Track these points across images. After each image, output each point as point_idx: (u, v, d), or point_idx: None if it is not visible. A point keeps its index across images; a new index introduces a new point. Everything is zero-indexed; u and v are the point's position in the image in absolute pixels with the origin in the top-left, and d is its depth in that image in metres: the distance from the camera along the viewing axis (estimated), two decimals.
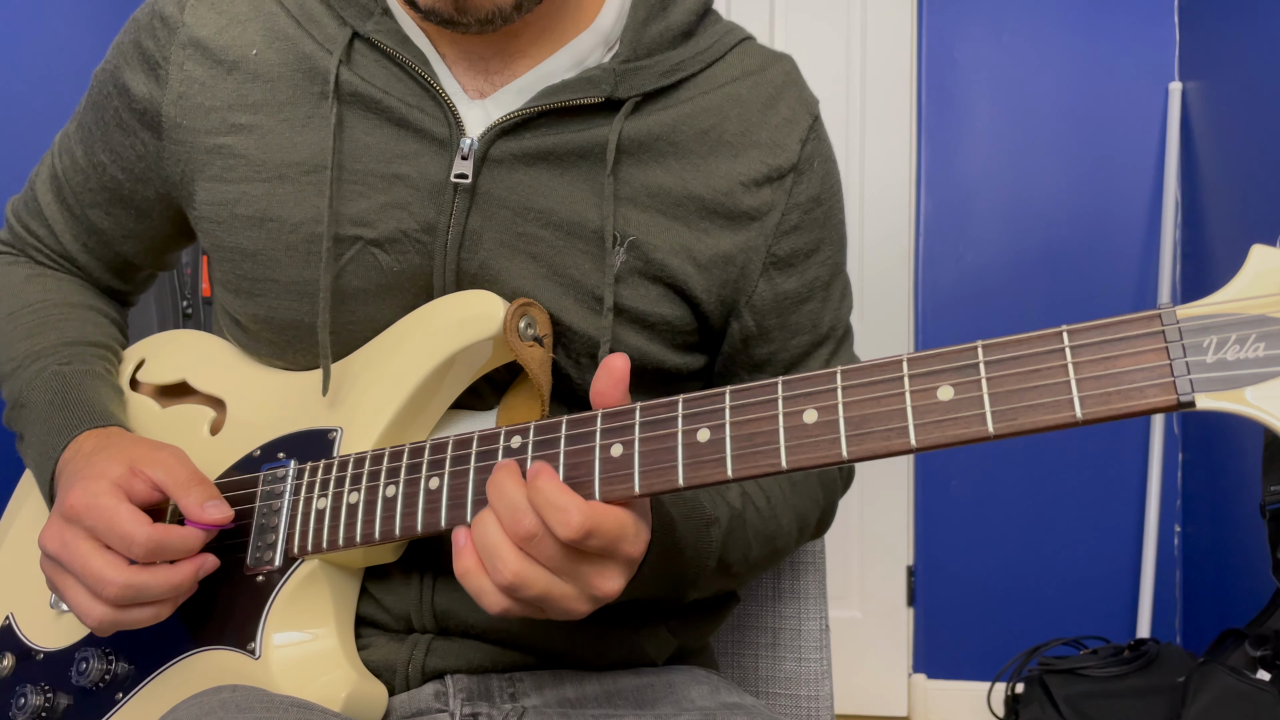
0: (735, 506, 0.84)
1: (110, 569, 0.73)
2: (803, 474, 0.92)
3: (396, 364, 0.81)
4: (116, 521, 0.74)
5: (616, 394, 0.68)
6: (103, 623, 0.75)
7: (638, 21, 0.86)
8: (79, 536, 0.75)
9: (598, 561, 0.67)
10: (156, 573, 0.74)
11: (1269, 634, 1.90)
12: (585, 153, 0.83)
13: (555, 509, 0.64)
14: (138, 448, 0.81)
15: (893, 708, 2.83)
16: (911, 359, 0.60)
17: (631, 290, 0.83)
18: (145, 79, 0.89)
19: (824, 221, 0.90)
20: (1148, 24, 2.76)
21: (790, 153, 0.87)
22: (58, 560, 0.76)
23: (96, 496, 0.75)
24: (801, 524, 0.92)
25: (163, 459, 0.79)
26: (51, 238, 0.99)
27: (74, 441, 0.84)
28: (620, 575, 0.67)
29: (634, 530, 0.67)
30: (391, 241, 0.82)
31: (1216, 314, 0.54)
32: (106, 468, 0.78)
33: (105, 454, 0.80)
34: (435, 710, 0.81)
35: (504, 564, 0.65)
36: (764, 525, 0.87)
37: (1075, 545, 2.76)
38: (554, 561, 0.65)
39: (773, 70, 0.90)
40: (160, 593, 0.75)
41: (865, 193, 2.84)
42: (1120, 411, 0.54)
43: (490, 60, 0.84)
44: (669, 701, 0.82)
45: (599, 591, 0.67)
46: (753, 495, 0.87)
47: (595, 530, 0.64)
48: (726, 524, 0.83)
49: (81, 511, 0.75)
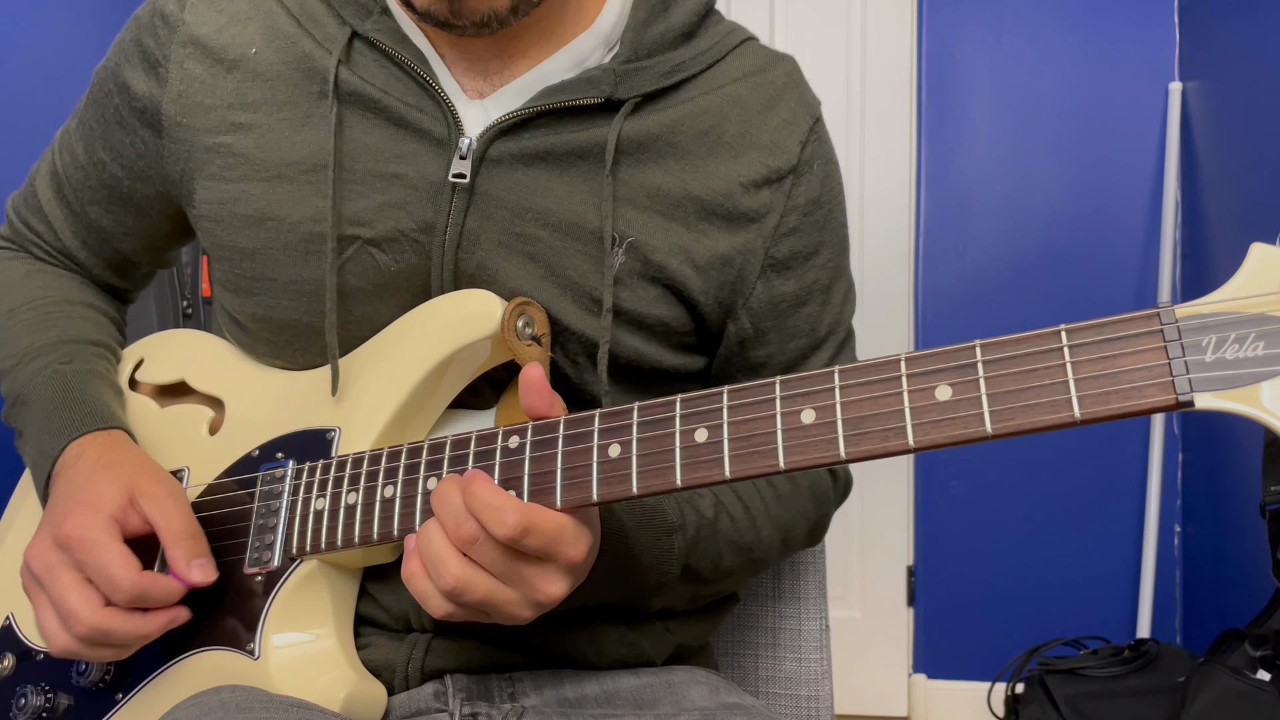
0: (706, 515, 0.84)
1: (84, 607, 0.74)
2: (790, 486, 0.92)
3: (394, 364, 0.81)
4: (106, 563, 0.74)
5: (542, 403, 0.70)
6: (64, 652, 0.76)
7: (638, 22, 0.85)
8: (64, 565, 0.76)
9: (537, 564, 0.68)
10: (127, 620, 0.75)
11: (1269, 634, 1.90)
12: (584, 153, 0.82)
13: (491, 510, 0.66)
14: (140, 475, 0.81)
15: (893, 708, 2.83)
16: (909, 358, 0.60)
17: (630, 291, 0.83)
18: (145, 77, 0.89)
19: (824, 224, 0.89)
20: (1148, 24, 2.76)
21: (790, 154, 0.87)
22: (38, 579, 0.77)
23: (91, 530, 0.76)
24: (786, 536, 0.92)
25: (161, 499, 0.79)
26: (51, 234, 0.99)
27: (75, 444, 0.84)
28: (561, 579, 0.69)
29: (573, 534, 0.68)
30: (389, 241, 0.82)
31: (1215, 313, 0.53)
32: (106, 495, 0.78)
33: (106, 475, 0.80)
34: (435, 710, 0.81)
35: (446, 569, 0.67)
36: (739, 535, 0.87)
37: (1075, 545, 2.76)
38: (495, 566, 0.67)
39: (774, 71, 0.90)
40: (125, 640, 0.76)
41: (865, 193, 2.84)
42: (1119, 411, 0.54)
43: (490, 61, 0.84)
44: (669, 702, 0.82)
45: (541, 595, 0.68)
46: (728, 505, 0.87)
47: (531, 528, 0.66)
48: (694, 532, 0.83)
49: (74, 543, 0.75)
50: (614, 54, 0.85)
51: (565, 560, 0.68)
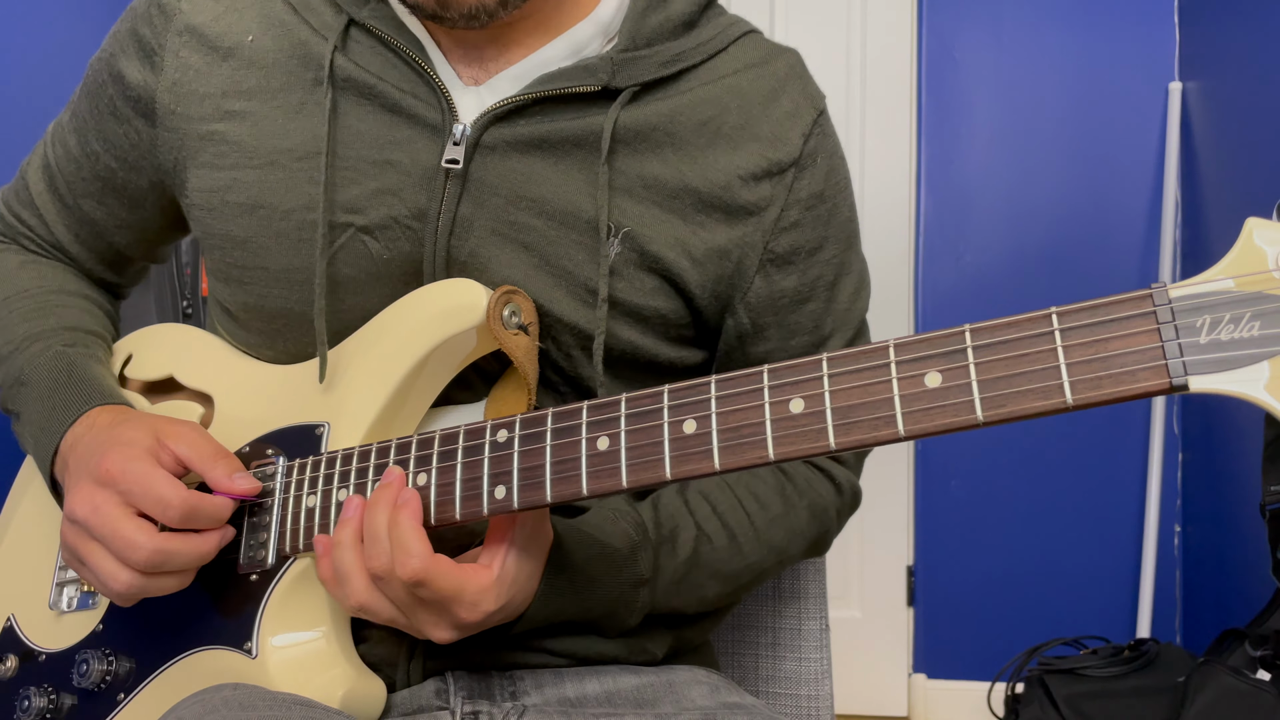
0: (683, 554, 0.84)
1: (141, 534, 0.74)
2: (784, 507, 0.90)
3: (380, 358, 0.80)
4: (153, 485, 0.75)
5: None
6: (130, 588, 0.75)
7: (637, 12, 0.85)
8: (111, 501, 0.75)
9: (432, 609, 0.71)
10: (186, 540, 0.76)
11: (1269, 634, 1.89)
12: (580, 141, 0.82)
13: (401, 548, 0.69)
14: (159, 420, 0.82)
15: (893, 708, 2.82)
16: (898, 345, 0.59)
17: (625, 282, 0.82)
18: (141, 66, 0.89)
19: (828, 219, 0.88)
20: (1148, 24, 2.75)
21: (792, 147, 0.86)
22: (86, 525, 0.76)
23: (132, 461, 0.76)
24: (781, 557, 0.91)
25: (185, 433, 0.80)
26: (43, 227, 0.99)
27: (85, 416, 0.84)
28: (448, 630, 0.72)
29: (471, 598, 0.70)
30: (382, 228, 0.82)
31: (1210, 292, 0.52)
32: (136, 436, 0.78)
33: (129, 424, 0.80)
34: (436, 708, 0.80)
35: (353, 590, 0.71)
36: (724, 564, 0.86)
37: (1075, 545, 2.76)
38: (398, 599, 0.71)
39: (776, 63, 0.89)
40: (187, 561, 0.76)
41: (865, 192, 2.84)
42: (1112, 395, 0.53)
43: (485, 48, 0.84)
44: (669, 701, 0.82)
45: (430, 636, 0.73)
46: (711, 533, 0.86)
47: (427, 582, 0.68)
48: (667, 580, 0.84)
49: (117, 476, 0.75)
50: (613, 44, 0.85)
51: (455, 619, 0.71)
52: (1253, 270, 0.52)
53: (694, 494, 0.88)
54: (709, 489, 0.88)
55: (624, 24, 0.85)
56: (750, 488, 0.89)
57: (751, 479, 0.90)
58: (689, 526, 0.85)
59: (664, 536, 0.84)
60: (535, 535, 0.75)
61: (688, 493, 0.88)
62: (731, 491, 0.88)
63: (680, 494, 0.88)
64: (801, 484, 0.91)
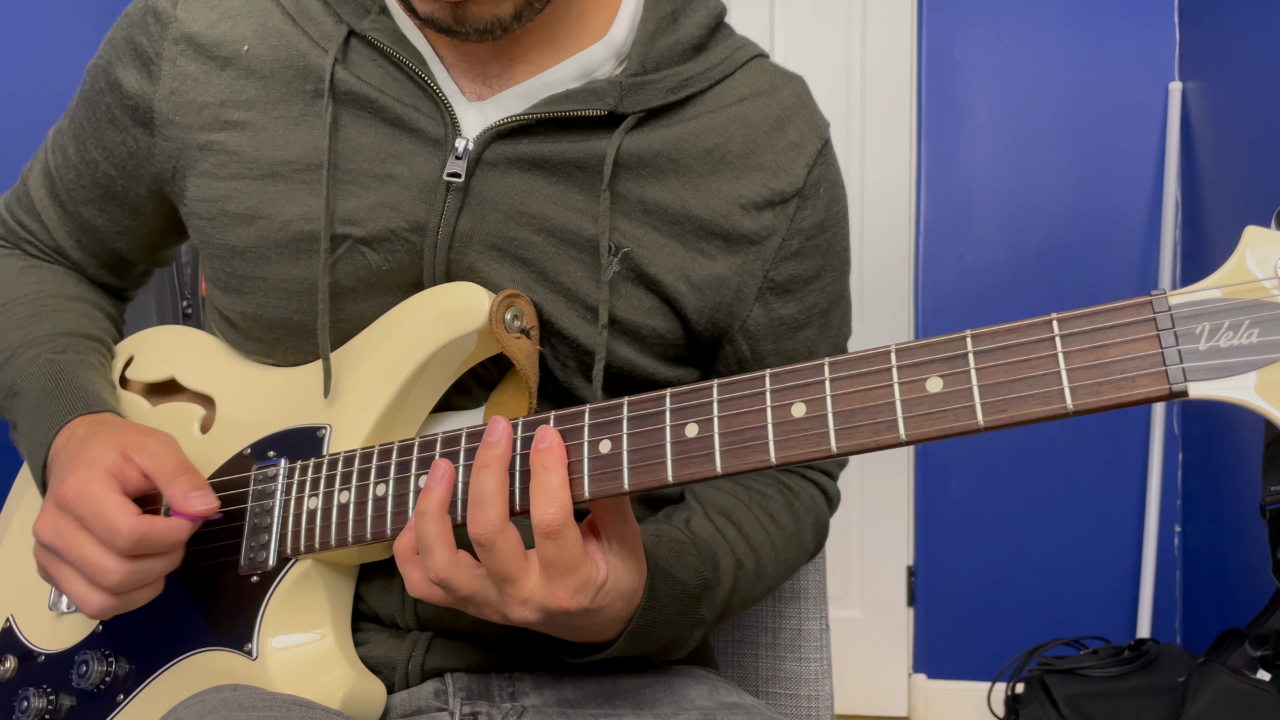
0: (725, 586, 0.82)
1: (109, 558, 0.73)
2: (795, 526, 0.90)
3: (383, 360, 0.80)
4: (104, 511, 0.73)
5: None
6: (104, 609, 0.75)
7: (647, 35, 0.84)
8: (72, 526, 0.75)
9: None
10: (155, 559, 0.75)
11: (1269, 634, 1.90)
12: (582, 164, 0.82)
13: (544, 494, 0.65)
14: (128, 433, 0.80)
15: (893, 708, 2.82)
16: (900, 350, 0.59)
17: (624, 301, 0.82)
18: (138, 74, 0.88)
19: (827, 248, 0.89)
20: (1148, 24, 2.75)
21: (795, 177, 0.86)
22: (53, 549, 0.75)
23: (88, 485, 0.75)
24: (787, 571, 0.91)
25: (151, 446, 0.78)
26: (45, 233, 0.99)
27: (66, 427, 0.83)
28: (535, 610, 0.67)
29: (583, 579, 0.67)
30: (380, 240, 0.82)
31: (1209, 299, 0.53)
32: (99, 455, 0.77)
33: (97, 440, 0.79)
34: (435, 709, 0.80)
35: (435, 563, 0.67)
36: (750, 588, 0.86)
37: (1075, 545, 2.76)
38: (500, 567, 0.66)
39: (783, 92, 0.89)
40: (157, 575, 0.76)
41: (865, 193, 2.84)
42: (1112, 402, 0.53)
43: (489, 64, 0.83)
44: (669, 701, 0.82)
45: (511, 614, 0.68)
46: (743, 558, 0.85)
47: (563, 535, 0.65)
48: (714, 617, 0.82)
49: (73, 500, 0.74)
50: (624, 68, 0.84)
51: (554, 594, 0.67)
52: (1251, 278, 0.52)
53: (717, 516, 0.86)
54: (729, 508, 0.87)
55: (634, 47, 0.84)
56: (764, 506, 0.89)
57: (761, 496, 0.90)
58: (726, 554, 0.84)
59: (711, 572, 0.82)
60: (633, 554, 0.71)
61: (710, 514, 0.86)
62: (750, 512, 0.88)
63: (707, 517, 0.86)
64: (806, 500, 0.92)
